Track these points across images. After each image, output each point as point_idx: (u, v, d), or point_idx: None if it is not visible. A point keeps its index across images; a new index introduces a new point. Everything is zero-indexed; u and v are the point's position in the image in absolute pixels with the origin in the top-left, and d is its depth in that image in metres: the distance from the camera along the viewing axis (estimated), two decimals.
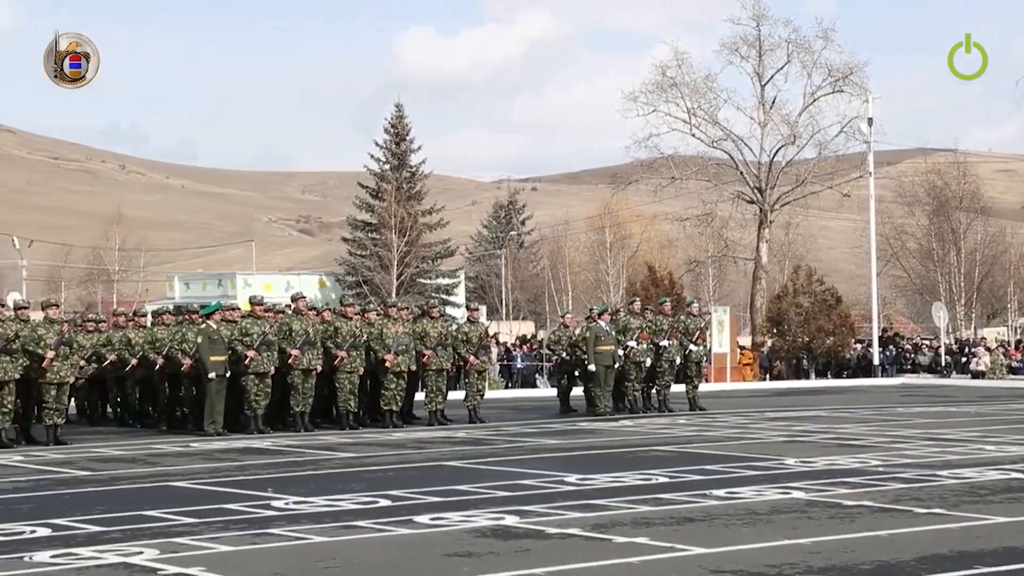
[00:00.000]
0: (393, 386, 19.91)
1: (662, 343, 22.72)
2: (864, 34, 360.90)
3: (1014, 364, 40.24)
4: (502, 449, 16.37)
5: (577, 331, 23.25)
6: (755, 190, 47.94)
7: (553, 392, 25.91)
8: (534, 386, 35.87)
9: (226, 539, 9.32)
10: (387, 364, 19.72)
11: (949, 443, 16.33)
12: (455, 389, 24.00)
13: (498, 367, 36.56)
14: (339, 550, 9.00)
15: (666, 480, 12.51)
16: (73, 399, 20.95)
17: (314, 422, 19.51)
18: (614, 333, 22.06)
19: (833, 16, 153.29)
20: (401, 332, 20.02)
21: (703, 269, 64.16)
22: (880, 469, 13.36)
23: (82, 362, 19.98)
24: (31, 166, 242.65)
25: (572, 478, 12.71)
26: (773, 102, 48.30)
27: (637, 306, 23.50)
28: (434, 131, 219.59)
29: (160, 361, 19.84)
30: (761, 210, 48.02)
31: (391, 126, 55.87)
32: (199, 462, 15.07)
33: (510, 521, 9.95)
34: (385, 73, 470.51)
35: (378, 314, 20.49)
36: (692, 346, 23.27)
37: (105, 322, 22.84)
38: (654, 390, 23.11)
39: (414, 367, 20.30)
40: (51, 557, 8.68)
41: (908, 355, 44.15)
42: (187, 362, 19.04)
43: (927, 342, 46.73)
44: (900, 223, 59.97)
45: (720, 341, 37.67)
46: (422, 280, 54.31)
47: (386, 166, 55.79)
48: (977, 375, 38.47)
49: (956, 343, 46.85)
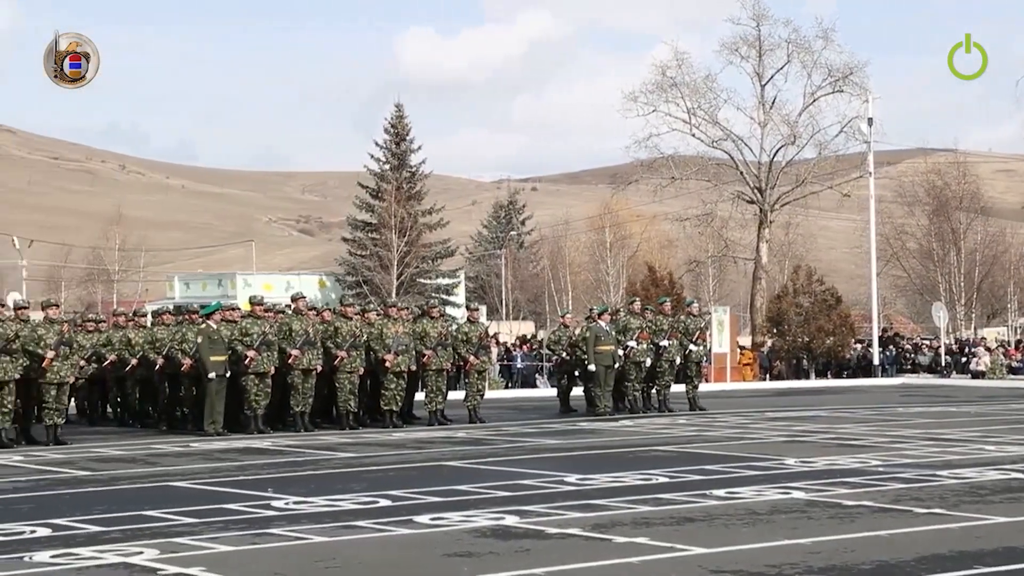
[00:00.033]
0: (393, 386, 19.91)
1: (662, 343, 22.71)
2: (864, 34, 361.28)
3: (1014, 364, 40.24)
4: (502, 449, 16.37)
5: (577, 331, 23.25)
6: (755, 190, 47.94)
7: (553, 392, 25.91)
8: (534, 386, 35.87)
9: (226, 539, 9.32)
10: (387, 364, 19.72)
11: (949, 443, 16.33)
12: (455, 389, 24.00)
13: (498, 367, 36.56)
14: (339, 550, 9.00)
15: (666, 480, 12.51)
16: (73, 399, 20.96)
17: (314, 422, 19.51)
18: (614, 333, 22.06)
19: (833, 16, 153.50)
20: (401, 332, 20.02)
21: (703, 269, 64.16)
22: (880, 469, 13.36)
23: (82, 362, 19.98)
24: (31, 166, 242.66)
25: (572, 478, 12.70)
26: (773, 102, 48.36)
27: (637, 306, 23.49)
28: (434, 131, 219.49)
29: (160, 361, 19.84)
30: (761, 210, 48.02)
31: (391, 126, 55.87)
32: (199, 462, 15.07)
33: (510, 521, 9.95)
34: (385, 73, 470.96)
35: (378, 314, 20.49)
36: (692, 346, 23.26)
37: (105, 322, 22.84)
38: (654, 390, 23.10)
39: (414, 367, 20.30)
40: (51, 557, 8.68)
41: (908, 355, 44.15)
42: (187, 362, 19.04)
43: (927, 342, 46.73)
44: (900, 223, 59.97)
45: (720, 341, 37.67)
46: (422, 280, 54.31)
47: (386, 166, 55.79)
48: (977, 375, 38.47)
49: (956, 343, 46.84)
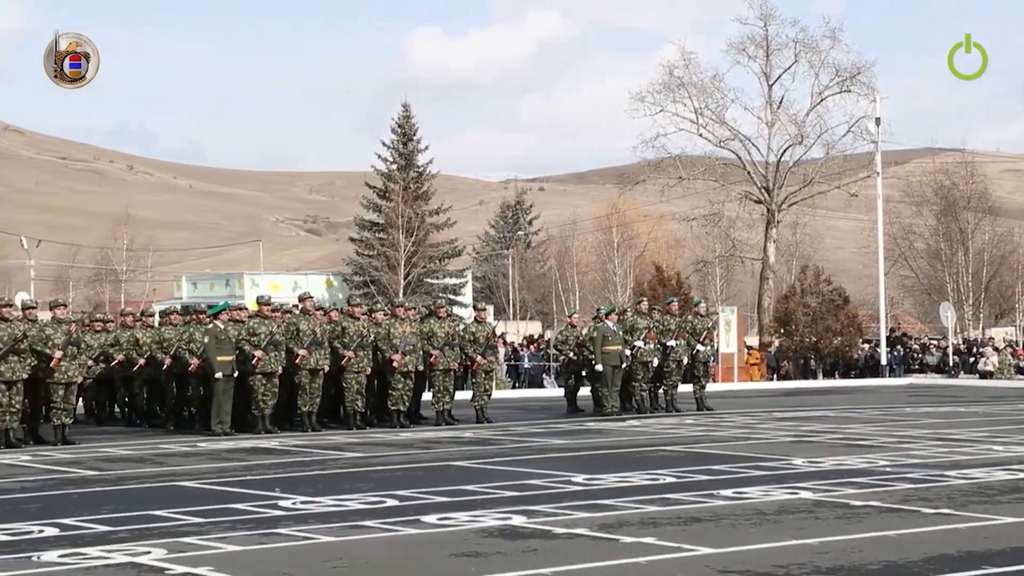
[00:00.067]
0: (400, 386, 19.91)
1: (669, 343, 22.70)
2: (872, 34, 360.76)
3: (1022, 364, 40.16)
4: (509, 449, 16.37)
5: (584, 331, 23.26)
6: (762, 190, 47.88)
7: (560, 392, 25.90)
8: (541, 386, 35.85)
9: (233, 539, 9.33)
10: (394, 364, 19.72)
11: (957, 443, 16.31)
12: (462, 389, 23.99)
13: (505, 367, 36.53)
14: (346, 550, 9.01)
15: (673, 480, 12.50)
16: (81, 399, 21.01)
17: (321, 422, 19.52)
18: (621, 333, 22.05)
19: (841, 16, 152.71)
20: (408, 332, 20.02)
21: (710, 269, 64.10)
22: (888, 469, 13.34)
23: (90, 362, 20.01)
24: (39, 166, 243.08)
25: (579, 478, 12.70)
26: (780, 102, 48.27)
27: (644, 306, 23.48)
28: (441, 131, 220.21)
29: (168, 361, 19.85)
30: (768, 210, 47.96)
31: (398, 126, 55.86)
32: (206, 462, 15.09)
33: (517, 521, 9.95)
34: (393, 73, 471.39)
35: (385, 314, 20.50)
36: (699, 346, 23.23)
37: (113, 322, 22.84)
38: (661, 390, 23.09)
39: (421, 367, 20.30)
40: (59, 557, 8.69)
41: (916, 355, 44.10)
42: (194, 362, 19.06)
43: (935, 342, 46.68)
44: (908, 223, 59.89)
45: (727, 341, 37.63)
46: (429, 280, 54.29)
47: (393, 166, 55.77)
48: (985, 375, 38.42)
49: (964, 343, 46.78)
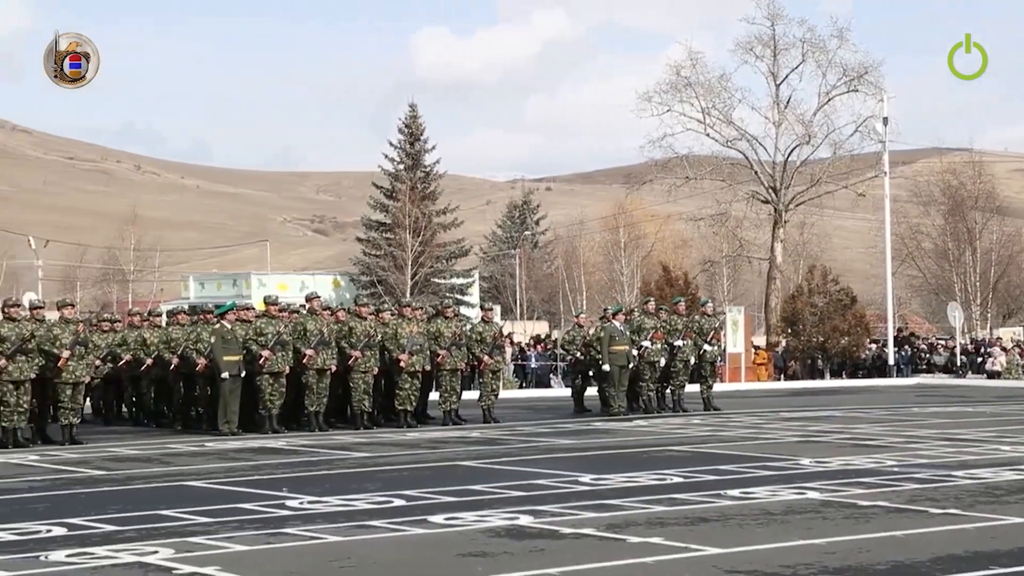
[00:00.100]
0: (407, 386, 19.92)
1: (676, 343, 22.68)
2: (879, 33, 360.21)
3: None
4: (516, 449, 16.36)
5: (591, 331, 23.25)
6: (770, 190, 47.85)
7: (567, 392, 25.89)
8: (548, 386, 35.85)
9: (241, 538, 9.33)
10: (401, 364, 19.73)
11: (964, 443, 16.28)
12: (469, 389, 23.99)
13: (512, 367, 36.54)
14: (353, 550, 9.01)
15: (680, 480, 12.49)
16: (88, 399, 21.04)
17: (328, 422, 19.52)
18: (628, 333, 22.04)
19: (848, 15, 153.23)
20: (415, 332, 20.03)
21: (717, 269, 64.11)
22: (895, 469, 13.32)
23: (97, 362, 20.06)
24: (46, 166, 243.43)
25: (586, 478, 12.70)
26: (788, 102, 48.24)
27: (651, 306, 23.46)
28: (448, 131, 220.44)
29: (175, 361, 19.87)
30: (776, 210, 47.93)
31: (405, 126, 55.93)
32: (214, 462, 15.10)
33: (524, 521, 9.95)
34: (399, 73, 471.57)
35: (392, 314, 20.50)
36: (707, 346, 23.22)
37: (120, 322, 22.89)
38: (668, 390, 23.07)
39: (428, 367, 20.31)
40: (66, 556, 8.70)
41: (923, 355, 44.02)
42: (202, 362, 19.07)
43: (942, 342, 46.57)
44: (915, 223, 59.84)
45: (734, 341, 37.61)
46: (436, 280, 54.35)
47: (400, 166, 55.84)
48: (993, 375, 38.36)
49: (972, 343, 46.70)
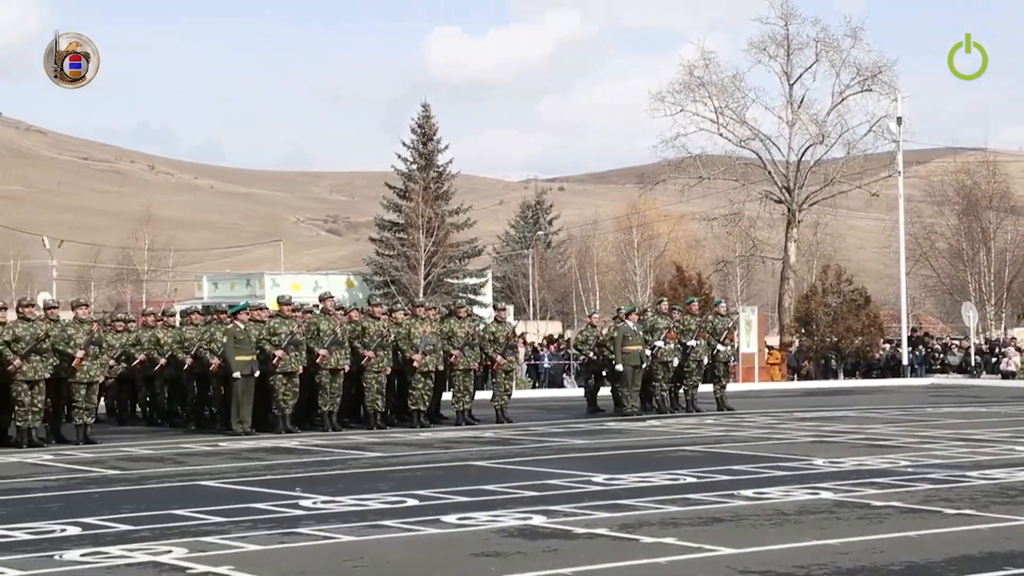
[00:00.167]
0: (421, 386, 19.93)
1: (690, 343, 22.66)
2: (893, 33, 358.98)
3: None
4: (529, 449, 16.36)
5: (605, 331, 23.24)
6: (783, 189, 47.78)
7: (580, 392, 25.88)
8: (561, 386, 35.85)
9: (254, 538, 9.35)
10: (415, 364, 19.74)
11: (979, 443, 16.24)
12: (482, 389, 24.00)
13: (525, 367, 36.55)
14: (367, 549, 9.02)
15: (694, 480, 12.48)
16: (103, 398, 21.10)
17: (342, 422, 19.54)
18: (642, 333, 22.02)
19: (862, 15, 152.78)
20: (429, 332, 20.04)
21: (731, 269, 64.01)
22: (909, 470, 13.29)
23: (111, 362, 20.11)
24: (61, 166, 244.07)
25: (600, 478, 12.69)
26: (801, 101, 48.18)
27: (665, 306, 23.44)
28: (461, 131, 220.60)
29: (189, 361, 19.91)
30: (789, 209, 47.86)
31: (418, 126, 55.97)
32: (227, 461, 15.12)
33: (537, 521, 9.95)
34: (412, 73, 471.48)
35: (406, 314, 20.52)
36: (720, 346, 23.19)
37: (134, 322, 22.95)
38: (682, 390, 23.05)
39: (441, 367, 20.32)
40: (81, 556, 8.73)
41: (937, 355, 43.91)
42: (215, 362, 19.10)
43: (956, 342, 46.46)
44: (929, 222, 59.67)
45: (748, 341, 37.57)
46: (449, 280, 54.37)
47: (413, 166, 55.88)
48: (1007, 375, 38.25)
49: (986, 343, 46.56)
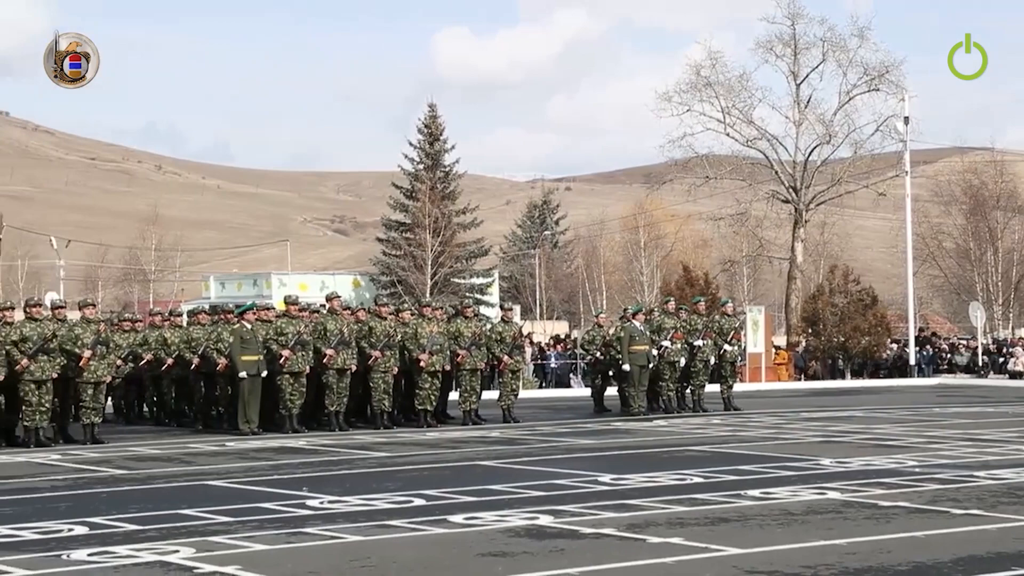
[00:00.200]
0: (427, 386, 19.94)
1: (696, 343, 22.65)
2: (900, 32, 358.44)
3: None
4: (536, 449, 16.37)
5: (611, 331, 23.24)
6: (790, 189, 47.71)
7: (587, 392, 25.88)
8: (568, 386, 35.83)
9: (262, 538, 9.36)
10: (422, 364, 19.75)
11: (986, 443, 16.22)
12: (489, 389, 24.00)
13: (532, 367, 36.53)
14: (374, 549, 9.03)
15: (701, 480, 12.48)
16: (110, 398, 21.11)
17: (349, 421, 19.57)
18: (648, 333, 22.02)
19: (869, 14, 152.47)
20: (435, 332, 20.05)
21: (738, 269, 64.00)
22: (916, 470, 13.29)
23: (119, 361, 20.13)
24: (69, 166, 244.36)
25: (606, 478, 12.69)
26: (808, 101, 48.05)
27: (671, 306, 23.44)
28: (469, 131, 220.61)
29: (196, 360, 19.94)
30: (796, 209, 47.79)
31: (425, 126, 55.94)
32: (235, 461, 15.14)
33: (544, 521, 9.95)
34: (420, 73, 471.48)
35: (413, 314, 20.54)
36: (727, 346, 23.18)
37: (141, 321, 22.97)
38: (688, 390, 23.04)
39: (448, 367, 20.33)
40: (88, 555, 8.74)
41: (945, 355, 43.86)
42: (222, 362, 19.12)
43: (964, 342, 46.40)
44: (936, 222, 59.57)
45: (755, 341, 37.53)
46: (456, 280, 54.35)
47: (420, 166, 55.85)
48: (1015, 375, 38.18)
49: (993, 343, 46.51)
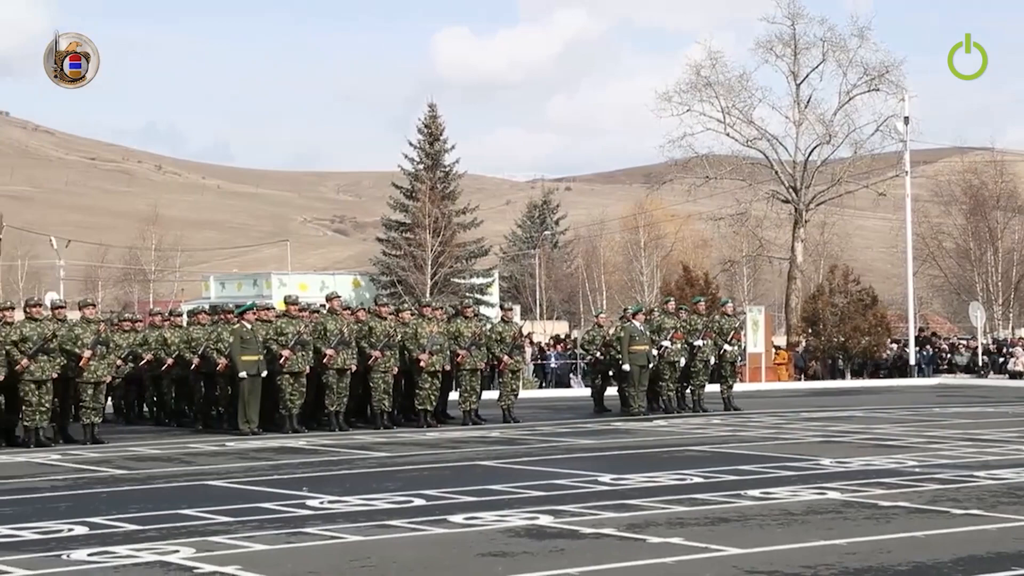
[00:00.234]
0: (427, 386, 19.94)
1: (696, 343, 22.66)
2: (900, 32, 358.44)
3: None
4: (536, 449, 16.37)
5: (611, 331, 23.24)
6: (790, 189, 47.71)
7: (587, 392, 25.88)
8: (568, 386, 35.83)
9: (261, 538, 9.36)
10: (421, 364, 19.75)
11: (986, 443, 16.23)
12: (489, 389, 24.01)
13: (532, 367, 36.53)
14: (373, 549, 9.03)
15: (701, 480, 12.48)
16: (110, 398, 21.11)
17: (349, 421, 19.57)
18: (648, 333, 22.02)
19: (869, 14, 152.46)
20: (435, 332, 20.05)
21: (738, 269, 64.00)
22: (916, 470, 13.29)
23: (119, 361, 20.13)
24: (69, 166, 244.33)
25: (606, 478, 12.70)
26: (808, 101, 48.05)
27: (671, 306, 23.44)
28: (469, 131, 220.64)
29: (196, 361, 19.94)
30: (796, 209, 47.79)
31: (425, 126, 55.95)
32: (235, 461, 15.14)
33: (544, 521, 9.96)
34: (420, 73, 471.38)
35: (412, 314, 20.54)
36: (727, 346, 23.19)
37: (141, 321, 22.97)
38: (688, 390, 23.04)
39: (448, 367, 20.33)
40: (88, 555, 8.74)
41: (945, 355, 43.87)
42: (222, 362, 19.12)
43: (964, 342, 46.40)
44: (936, 222, 59.57)
45: (755, 341, 37.52)
46: (456, 280, 54.35)
47: (420, 166, 55.85)
48: (1014, 375, 38.18)
49: (993, 343, 46.51)
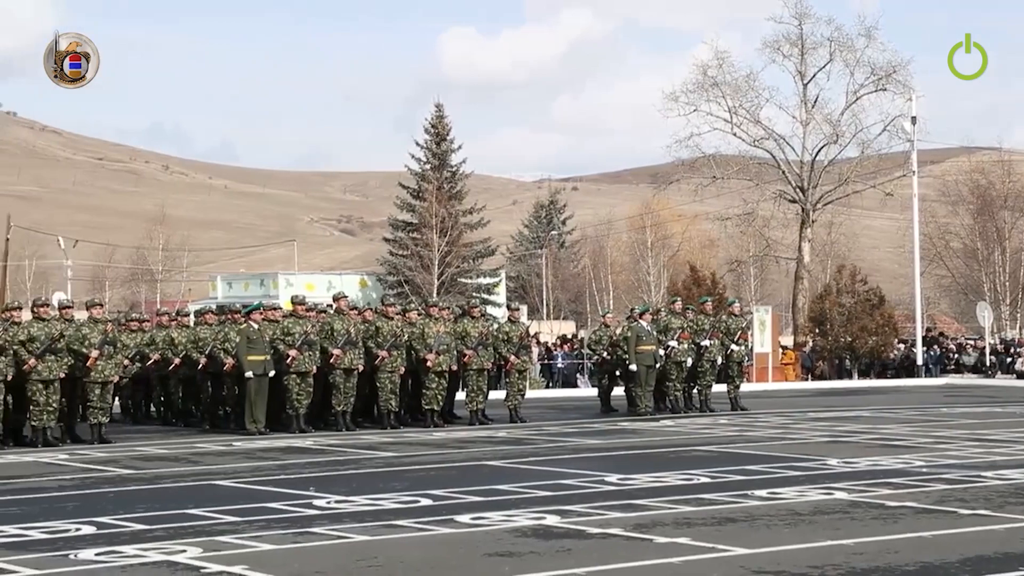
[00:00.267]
0: (434, 385, 19.94)
1: (703, 343, 22.64)
2: (907, 32, 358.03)
3: None
4: (543, 449, 16.37)
5: (618, 331, 23.22)
6: (797, 189, 47.72)
7: (594, 392, 25.87)
8: (575, 386, 35.82)
9: (268, 538, 9.37)
10: (428, 364, 19.76)
11: (994, 444, 16.20)
12: (496, 389, 24.00)
13: (539, 367, 36.54)
14: (380, 549, 9.03)
15: (708, 480, 12.47)
16: (117, 398, 21.15)
17: (356, 421, 19.57)
18: (655, 333, 22.01)
19: (876, 14, 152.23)
20: (442, 332, 20.05)
21: (745, 269, 63.97)
22: (924, 470, 13.27)
23: (126, 361, 20.16)
24: (76, 167, 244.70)
25: (613, 478, 12.69)
26: (815, 101, 48.10)
27: (678, 306, 23.42)
28: (475, 131, 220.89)
29: (203, 360, 19.95)
30: (803, 209, 47.79)
31: (431, 126, 56.02)
32: (241, 461, 15.15)
33: (551, 521, 9.95)
34: (426, 73, 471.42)
35: (419, 314, 20.54)
36: (734, 346, 23.17)
37: (149, 321, 23.01)
38: (695, 390, 23.02)
39: (455, 367, 20.33)
40: (95, 555, 8.75)
41: (952, 355, 43.80)
42: (229, 361, 19.13)
43: (971, 342, 46.33)
44: (944, 222, 59.53)
45: (762, 341, 37.49)
46: (463, 280, 54.41)
47: (427, 166, 55.93)
48: (1022, 375, 38.13)
49: (1001, 343, 46.41)
